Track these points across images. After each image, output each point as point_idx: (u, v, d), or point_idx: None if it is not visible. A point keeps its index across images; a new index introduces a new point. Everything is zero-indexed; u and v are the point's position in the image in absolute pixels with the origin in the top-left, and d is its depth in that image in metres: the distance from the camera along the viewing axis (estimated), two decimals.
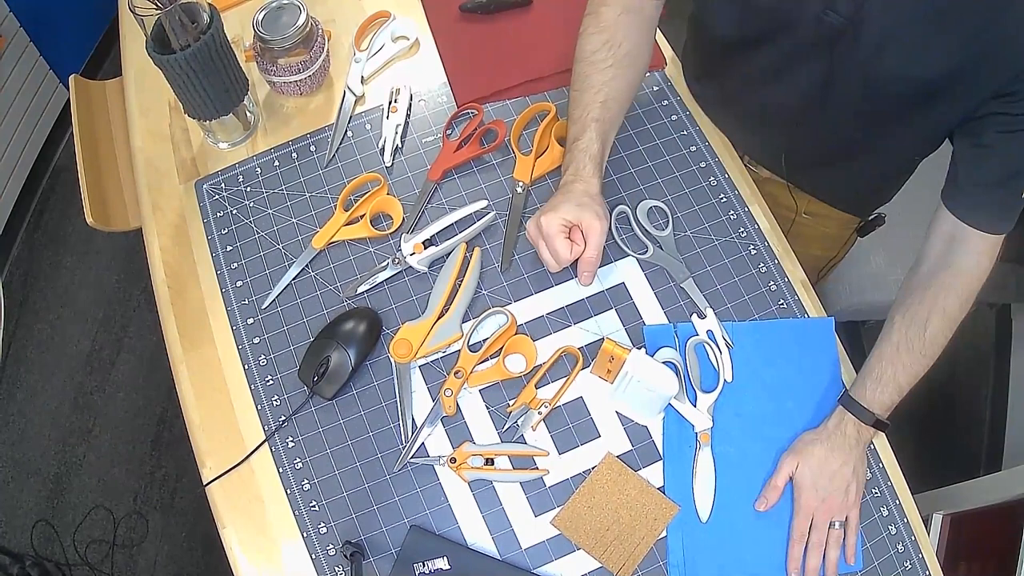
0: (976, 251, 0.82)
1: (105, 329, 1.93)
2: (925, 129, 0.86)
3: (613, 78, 0.87)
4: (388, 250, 0.94)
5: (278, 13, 0.96)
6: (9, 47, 1.82)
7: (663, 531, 0.82)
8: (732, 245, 0.95)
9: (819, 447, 0.83)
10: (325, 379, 0.85)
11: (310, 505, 0.83)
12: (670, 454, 0.85)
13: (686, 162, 0.99)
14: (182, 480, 1.77)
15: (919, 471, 0.97)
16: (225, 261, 0.94)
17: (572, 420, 0.86)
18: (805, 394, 0.89)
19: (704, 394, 0.87)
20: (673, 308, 0.91)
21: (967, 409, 1.84)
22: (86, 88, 1.27)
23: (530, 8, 1.09)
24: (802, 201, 1.09)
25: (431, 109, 1.03)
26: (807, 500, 0.82)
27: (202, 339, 0.91)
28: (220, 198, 0.98)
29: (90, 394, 1.86)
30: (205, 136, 1.02)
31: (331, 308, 0.91)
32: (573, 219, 0.82)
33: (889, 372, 0.83)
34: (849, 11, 0.76)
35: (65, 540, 1.71)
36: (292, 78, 0.99)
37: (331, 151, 1.00)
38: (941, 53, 0.74)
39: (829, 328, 0.92)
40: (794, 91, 0.88)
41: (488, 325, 0.89)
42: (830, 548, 0.81)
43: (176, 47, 0.85)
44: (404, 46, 1.07)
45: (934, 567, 0.84)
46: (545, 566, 0.81)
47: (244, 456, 0.85)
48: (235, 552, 0.82)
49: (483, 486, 0.84)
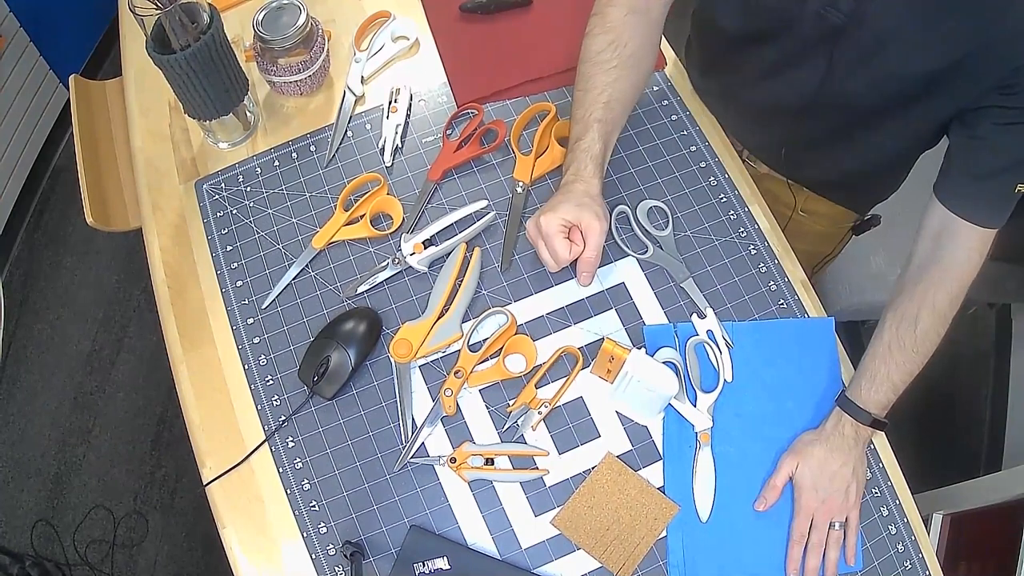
0: (967, 245, 0.81)
1: (105, 329, 1.93)
2: (925, 123, 0.86)
3: (617, 79, 0.87)
4: (388, 250, 0.94)
5: (278, 13, 0.96)
6: (9, 47, 1.82)
7: (663, 531, 0.82)
8: (732, 245, 0.95)
9: (818, 448, 0.83)
10: (325, 379, 0.85)
11: (310, 505, 0.83)
12: (670, 454, 0.85)
13: (686, 162, 0.99)
14: (182, 480, 1.77)
15: (919, 471, 0.97)
16: (225, 261, 0.94)
17: (572, 420, 0.86)
18: (805, 394, 0.89)
19: (704, 394, 0.87)
20: (673, 308, 0.91)
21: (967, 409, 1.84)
22: (86, 88, 1.27)
23: (530, 8, 1.09)
24: (800, 197, 1.09)
25: (431, 109, 1.03)
26: (807, 501, 0.82)
27: (202, 339, 0.91)
28: (220, 198, 0.98)
29: (90, 394, 1.86)
30: (205, 136, 1.02)
31: (331, 308, 0.91)
32: (572, 219, 0.82)
33: (883, 371, 0.83)
34: (849, 8, 0.76)
35: (65, 540, 1.71)
36: (292, 78, 0.99)
37: (331, 151, 1.00)
38: (941, 49, 0.75)
39: (829, 328, 0.92)
40: (795, 87, 0.88)
41: (488, 325, 0.89)
42: (830, 549, 0.81)
43: (176, 47, 0.85)
44: (404, 46, 1.07)
45: (934, 567, 0.84)
46: (545, 566, 0.81)
47: (244, 456, 0.85)
48: (235, 552, 0.82)
49: (483, 486, 0.84)
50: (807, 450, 0.83)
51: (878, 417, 0.83)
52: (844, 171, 1.01)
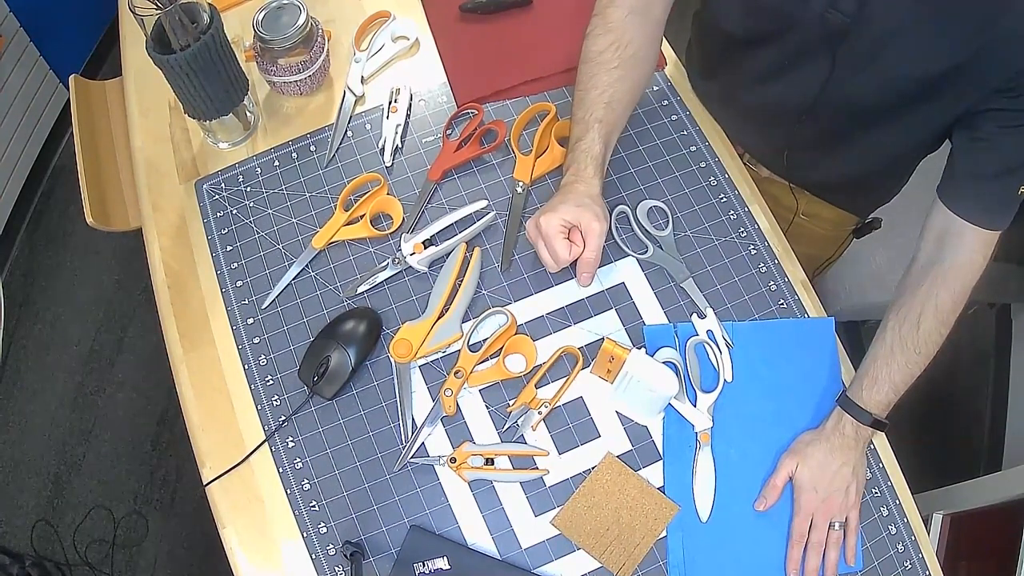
0: (969, 247, 0.81)
1: (105, 329, 1.93)
2: (927, 126, 0.86)
3: (619, 79, 0.87)
4: (388, 250, 0.94)
5: (278, 13, 0.96)
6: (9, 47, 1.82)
7: (663, 531, 0.82)
8: (732, 245, 0.95)
9: (818, 448, 0.83)
10: (325, 379, 0.85)
11: (310, 505, 0.83)
12: (670, 454, 0.85)
13: (686, 162, 0.99)
14: (182, 480, 1.77)
15: (919, 471, 0.97)
16: (225, 261, 0.94)
17: (572, 420, 0.86)
18: (805, 394, 0.88)
19: (704, 394, 0.87)
20: (673, 308, 0.91)
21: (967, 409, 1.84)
22: (86, 88, 1.27)
23: (530, 8, 1.09)
24: (802, 200, 1.09)
25: (431, 109, 1.03)
26: (807, 500, 0.82)
27: (202, 339, 0.91)
28: (220, 198, 0.98)
29: (90, 394, 1.85)
30: (205, 136, 1.02)
31: (331, 308, 0.91)
32: (572, 220, 0.82)
33: (884, 372, 0.83)
34: (852, 10, 0.76)
35: (65, 540, 1.71)
36: (292, 78, 0.99)
37: (331, 151, 1.00)
38: (943, 50, 0.74)
39: (829, 328, 0.92)
40: (797, 89, 0.88)
41: (488, 325, 0.89)
42: (829, 549, 0.81)
43: (176, 47, 0.85)
44: (404, 46, 1.07)
45: (934, 567, 0.84)
46: (545, 566, 0.81)
47: (244, 456, 0.85)
48: (235, 552, 0.82)
49: (483, 486, 0.84)
50: (807, 450, 0.83)
51: (879, 417, 0.83)
52: (846, 174, 1.01)
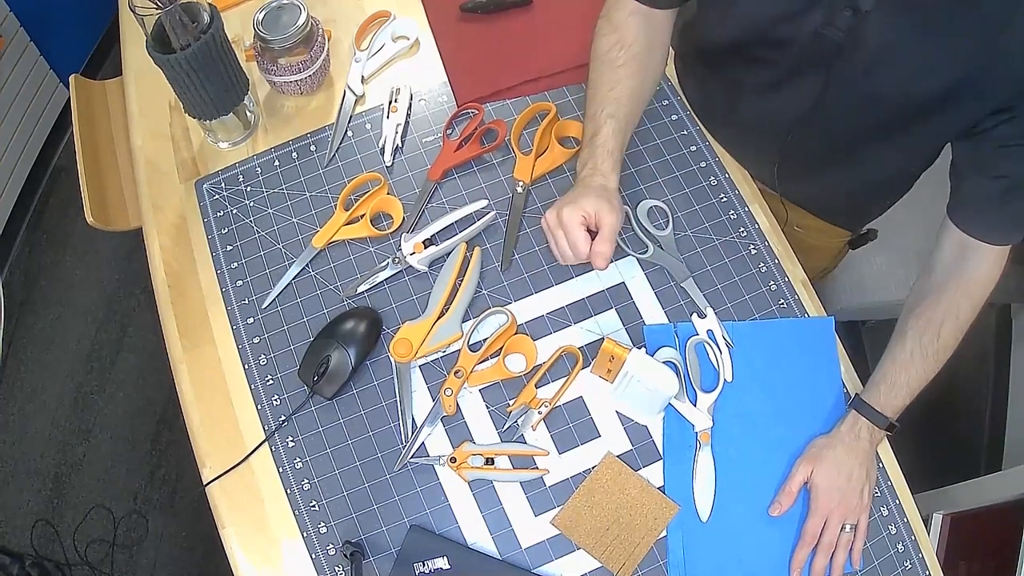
0: (987, 260, 0.82)
1: (105, 329, 1.93)
2: (920, 144, 0.86)
3: (627, 76, 0.87)
4: (388, 250, 0.94)
5: (278, 13, 0.96)
6: (9, 47, 1.82)
7: (663, 531, 0.82)
8: (732, 245, 0.95)
9: (835, 451, 0.83)
10: (325, 379, 0.85)
11: (310, 505, 0.83)
12: (670, 454, 0.85)
13: (686, 162, 0.99)
14: (182, 480, 1.76)
15: (919, 471, 0.97)
16: (225, 260, 0.94)
17: (572, 420, 0.86)
18: (805, 394, 0.89)
19: (704, 394, 0.87)
20: (673, 308, 0.91)
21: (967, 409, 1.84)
22: (86, 88, 1.27)
23: (530, 8, 1.09)
24: (794, 214, 1.08)
25: (431, 109, 1.03)
26: (824, 501, 0.82)
27: (202, 339, 0.91)
28: (220, 198, 0.98)
29: (90, 394, 1.85)
30: (205, 136, 1.02)
31: (331, 308, 0.91)
32: (593, 212, 0.81)
33: (903, 377, 0.83)
34: (848, 26, 0.75)
35: (65, 540, 1.71)
36: (292, 78, 0.99)
37: (331, 151, 1.00)
38: (940, 69, 0.73)
39: (829, 328, 0.92)
40: (790, 104, 0.87)
41: (488, 325, 0.89)
42: (838, 551, 0.82)
43: (176, 47, 0.85)
44: (404, 46, 1.07)
45: (934, 567, 0.84)
46: (545, 566, 0.81)
47: (244, 456, 0.85)
48: (235, 552, 0.82)
49: (483, 486, 0.84)
50: (823, 454, 0.83)
51: (893, 421, 0.84)
52: (837, 189, 1.01)
